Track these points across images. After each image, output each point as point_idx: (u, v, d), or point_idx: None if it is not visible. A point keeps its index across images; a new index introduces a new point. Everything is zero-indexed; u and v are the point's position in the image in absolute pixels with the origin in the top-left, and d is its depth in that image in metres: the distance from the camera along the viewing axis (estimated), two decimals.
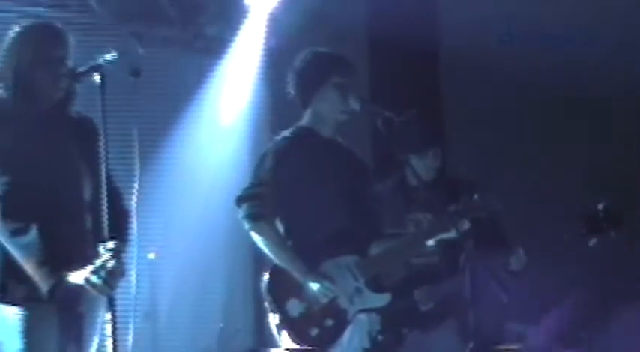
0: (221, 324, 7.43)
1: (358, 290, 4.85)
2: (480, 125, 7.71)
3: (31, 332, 4.12)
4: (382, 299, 4.90)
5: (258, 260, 5.75)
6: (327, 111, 4.98)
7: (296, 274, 4.76)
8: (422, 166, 5.55)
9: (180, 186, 7.41)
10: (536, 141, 7.78)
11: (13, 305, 4.13)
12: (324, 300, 4.76)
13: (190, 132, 7.46)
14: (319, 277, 4.76)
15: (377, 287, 4.89)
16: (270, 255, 4.83)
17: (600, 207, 5.25)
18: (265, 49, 7.52)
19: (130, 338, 4.77)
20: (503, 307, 5.55)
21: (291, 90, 5.05)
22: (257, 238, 4.85)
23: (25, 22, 4.47)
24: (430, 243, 5.00)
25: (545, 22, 7.68)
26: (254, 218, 4.83)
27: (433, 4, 7.91)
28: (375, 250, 4.93)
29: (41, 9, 6.98)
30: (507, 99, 7.77)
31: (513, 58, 7.50)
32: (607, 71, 7.56)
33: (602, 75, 7.51)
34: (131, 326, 4.89)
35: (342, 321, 4.80)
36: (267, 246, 4.83)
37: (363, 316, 4.87)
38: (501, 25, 7.64)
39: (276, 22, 7.44)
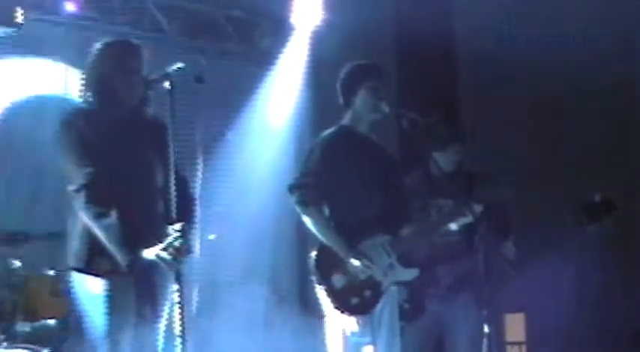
0: (269, 294, 7.43)
1: (391, 266, 4.84)
2: (490, 123, 7.68)
3: (113, 299, 4.13)
4: (411, 274, 4.90)
5: (302, 240, 5.76)
6: (363, 110, 4.98)
7: (339, 252, 4.76)
8: (443, 160, 5.51)
9: (236, 177, 7.42)
10: (542, 136, 7.72)
11: (98, 276, 4.16)
12: (363, 275, 4.76)
13: (245, 131, 7.47)
14: (359, 255, 4.75)
15: (406, 263, 4.88)
16: (318, 235, 4.82)
17: (597, 198, 5.22)
18: (309, 60, 7.53)
19: (195, 304, 4.81)
20: (511, 281, 5.53)
21: (339, 95, 5.07)
22: (307, 221, 4.85)
23: (107, 39, 4.49)
24: (453, 227, 5.00)
25: (549, 24, 7.59)
26: (304, 204, 4.83)
27: (449, 23, 7.87)
28: (404, 231, 4.92)
29: (120, 28, 7.02)
30: (516, 98, 7.71)
31: (517, 60, 7.45)
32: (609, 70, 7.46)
33: (603, 73, 7.40)
34: (195, 295, 4.92)
35: (377, 292, 4.79)
36: (315, 227, 4.82)
37: (394, 288, 4.87)
38: (508, 32, 7.57)
39: (318, 37, 7.45)
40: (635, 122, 7.71)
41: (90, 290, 4.17)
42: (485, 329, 4.87)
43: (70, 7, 6.81)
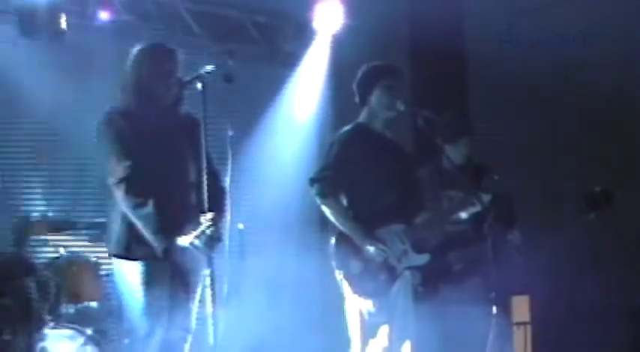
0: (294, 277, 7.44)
1: (405, 252, 4.85)
2: (498, 118, 7.67)
3: (149, 283, 4.18)
4: (423, 259, 4.90)
5: (324, 228, 5.76)
6: (378, 108, 4.98)
7: (356, 239, 4.77)
8: (454, 153, 5.51)
9: (262, 170, 7.44)
10: (544, 132, 7.70)
11: (136, 261, 4.20)
12: (379, 260, 4.78)
13: (271, 128, 7.50)
14: (375, 241, 4.76)
15: (419, 249, 4.89)
16: (336, 224, 4.83)
17: (598, 188, 5.21)
18: (330, 62, 7.54)
19: (225, 287, 4.83)
20: (517, 265, 5.53)
21: (355, 94, 5.07)
22: (326, 211, 4.86)
23: (144, 43, 4.52)
24: (463, 216, 5.00)
25: (555, 25, 7.57)
26: (323, 195, 4.84)
27: (460, 26, 7.85)
28: (418, 220, 4.93)
29: (156, 32, 7.05)
30: (520, 97, 7.70)
31: (523, 59, 7.43)
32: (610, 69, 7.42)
33: (603, 73, 7.36)
34: (225, 278, 4.94)
35: (392, 276, 4.81)
36: (333, 216, 4.84)
37: (407, 272, 4.88)
38: (516, 33, 7.56)
39: (338, 41, 7.45)
40: (635, 119, 7.69)
41: (128, 275, 4.22)
42: (493, 310, 4.88)
43: (104, 16, 6.86)
